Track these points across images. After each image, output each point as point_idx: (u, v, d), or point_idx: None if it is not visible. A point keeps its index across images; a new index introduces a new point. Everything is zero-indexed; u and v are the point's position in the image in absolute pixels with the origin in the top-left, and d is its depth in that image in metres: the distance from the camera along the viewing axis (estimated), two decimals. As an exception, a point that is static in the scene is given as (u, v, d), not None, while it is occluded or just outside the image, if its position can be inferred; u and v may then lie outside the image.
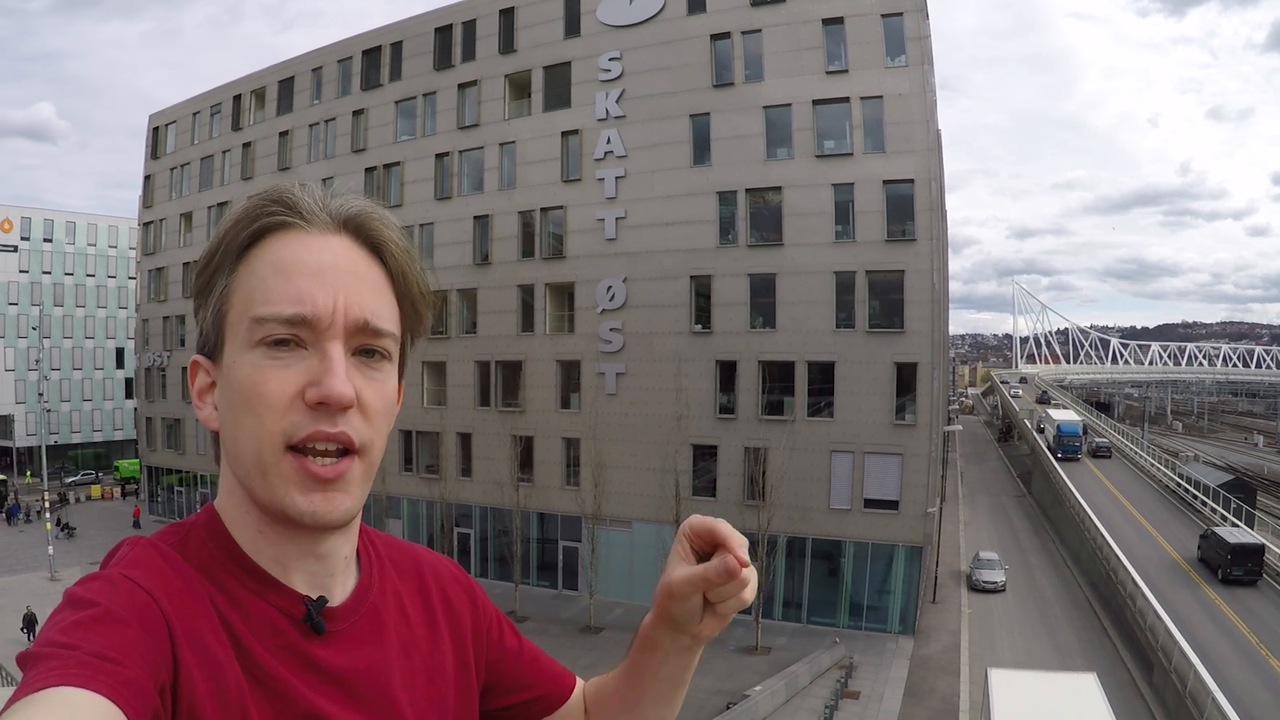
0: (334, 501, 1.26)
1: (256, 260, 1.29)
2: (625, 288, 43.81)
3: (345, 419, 1.25)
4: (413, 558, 1.64)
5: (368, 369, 1.30)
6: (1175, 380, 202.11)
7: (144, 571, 1.21)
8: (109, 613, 1.11)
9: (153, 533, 1.34)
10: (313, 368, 1.24)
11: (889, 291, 39.15)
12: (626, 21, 44.34)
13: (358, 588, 1.46)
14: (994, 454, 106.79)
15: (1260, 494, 62.98)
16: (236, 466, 1.29)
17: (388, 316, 1.33)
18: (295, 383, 1.23)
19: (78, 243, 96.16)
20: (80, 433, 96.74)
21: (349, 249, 1.32)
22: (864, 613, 39.89)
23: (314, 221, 1.31)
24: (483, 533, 48.49)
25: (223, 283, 1.30)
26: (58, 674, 0.98)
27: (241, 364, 1.25)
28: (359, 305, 1.28)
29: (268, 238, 1.30)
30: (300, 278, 1.26)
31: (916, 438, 38.56)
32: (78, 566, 49.77)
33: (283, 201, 1.30)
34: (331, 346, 1.25)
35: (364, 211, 1.35)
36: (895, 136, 39.01)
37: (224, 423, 1.30)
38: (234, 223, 1.31)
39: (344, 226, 1.33)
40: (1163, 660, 30.51)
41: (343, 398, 1.22)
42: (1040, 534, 59.25)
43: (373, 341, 1.30)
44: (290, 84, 57.50)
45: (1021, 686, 23.64)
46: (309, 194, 1.33)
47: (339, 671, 1.34)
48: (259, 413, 1.23)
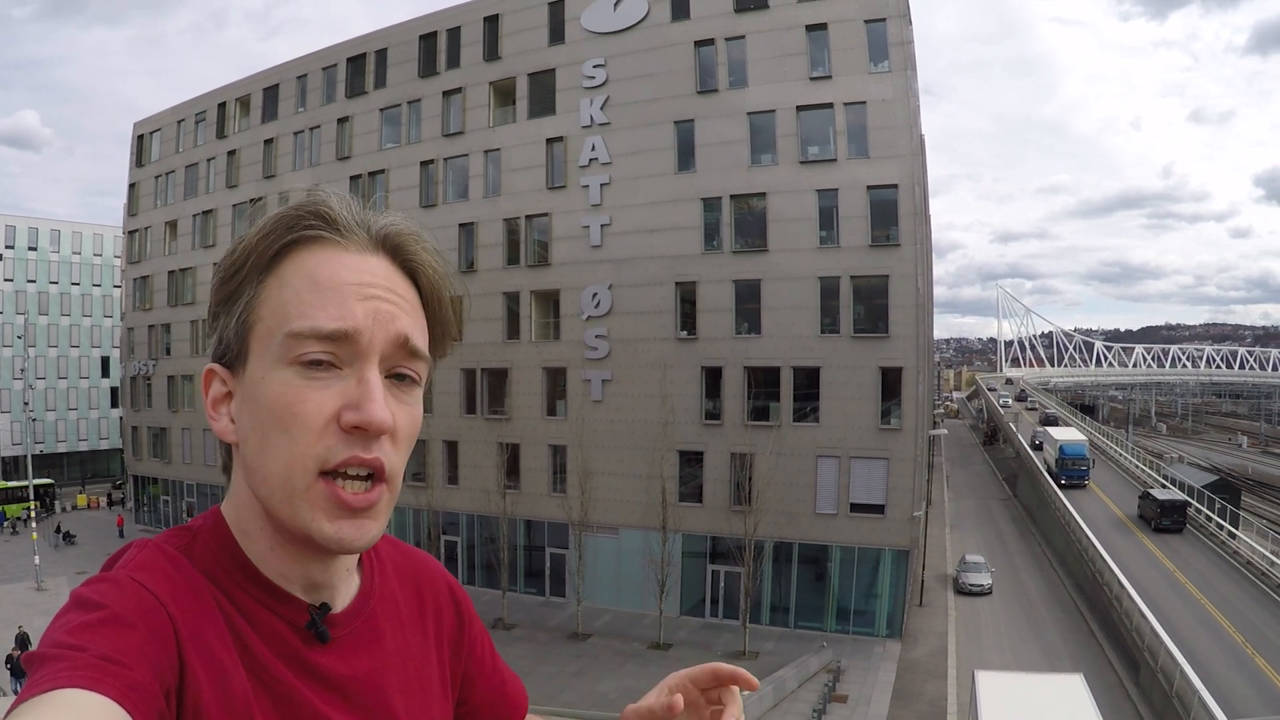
0: (363, 529, 1.25)
1: (290, 272, 1.26)
2: (610, 294, 43.80)
3: (379, 445, 1.24)
4: (412, 562, 1.65)
5: (400, 393, 1.29)
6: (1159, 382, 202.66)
7: (151, 575, 1.21)
8: (116, 615, 1.11)
9: (159, 534, 1.33)
10: (349, 390, 1.22)
11: (873, 296, 39.21)
12: (610, 28, 44.35)
13: (359, 595, 1.46)
14: (979, 457, 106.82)
15: (1245, 494, 63.11)
16: (259, 485, 1.26)
17: (422, 338, 1.32)
18: (332, 405, 1.21)
19: (62, 251, 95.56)
20: (66, 441, 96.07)
21: (387, 269, 1.30)
22: (851, 617, 39.91)
23: (351, 238, 1.29)
24: (470, 540, 48.39)
25: (250, 292, 1.27)
26: (65, 676, 0.99)
27: (273, 380, 1.23)
28: (398, 326, 1.26)
29: (301, 250, 1.28)
30: (339, 295, 1.24)
31: (902, 442, 38.62)
32: (64, 576, 49.56)
33: (320, 215, 1.28)
34: (369, 369, 1.23)
35: (403, 231, 1.34)
36: (879, 142, 39.09)
37: (247, 439, 1.27)
38: (266, 231, 1.28)
39: (382, 245, 1.31)
40: (1149, 660, 30.63)
41: (383, 424, 1.21)
42: (1026, 536, 59.35)
43: (408, 364, 1.29)
44: (275, 91, 57.33)
45: (1008, 688, 23.69)
46: (346, 207, 1.31)
47: (340, 678, 1.34)
48: (292, 434, 1.21)
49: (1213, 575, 41.05)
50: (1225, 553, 45.18)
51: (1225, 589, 39.13)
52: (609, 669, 36.02)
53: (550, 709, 1.92)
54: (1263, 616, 35.74)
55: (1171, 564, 43.11)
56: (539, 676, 35.05)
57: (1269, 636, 33.25)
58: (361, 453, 1.22)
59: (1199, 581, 40.12)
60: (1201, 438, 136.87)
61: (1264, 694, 28.40)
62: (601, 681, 34.35)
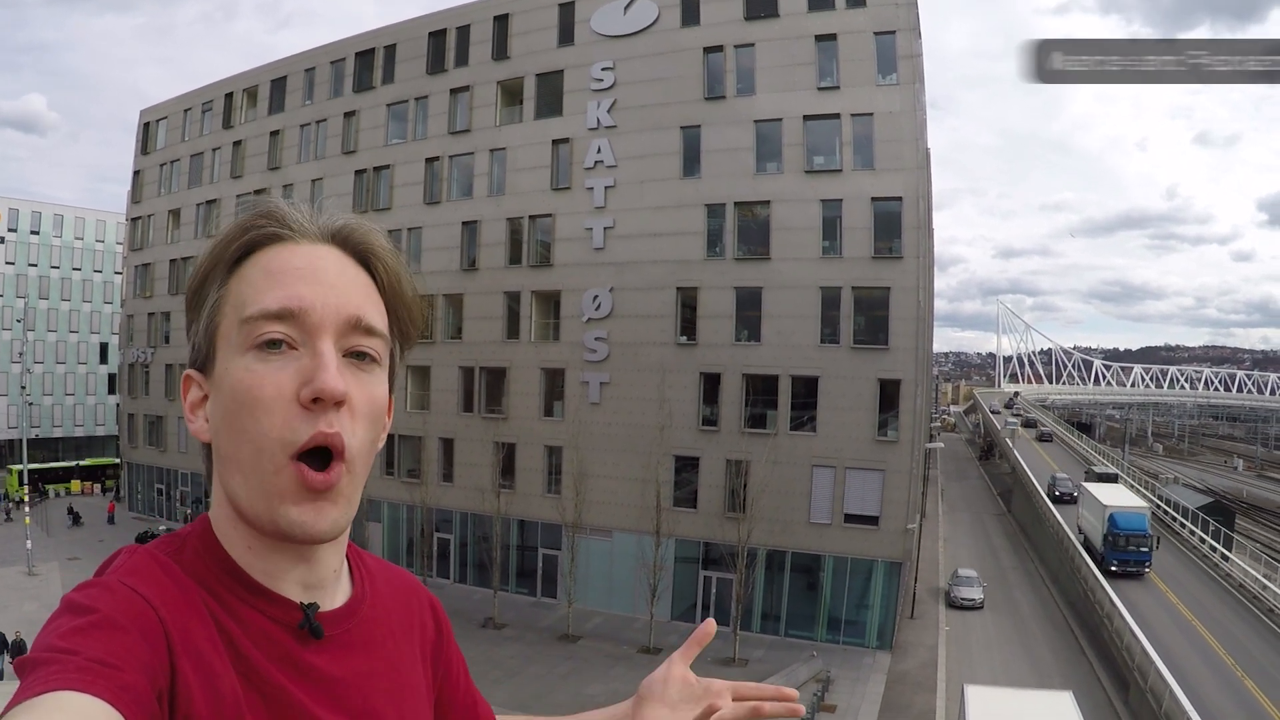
0: (322, 513, 1.27)
1: (247, 270, 1.31)
2: (611, 297, 43.81)
3: (338, 418, 1.26)
4: (398, 579, 1.66)
5: (358, 370, 1.31)
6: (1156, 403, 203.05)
7: (142, 579, 1.22)
8: (108, 619, 1.12)
9: (150, 542, 1.36)
10: (305, 367, 1.25)
11: (874, 308, 39.23)
12: (620, 32, 44.38)
13: (351, 599, 1.47)
14: (975, 472, 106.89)
15: (1239, 517, 63.10)
16: (232, 476, 1.28)
17: (378, 317, 1.35)
18: (290, 384, 1.24)
19: (65, 236, 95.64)
20: (61, 427, 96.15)
21: (338, 256, 1.34)
22: (842, 627, 39.88)
23: (303, 233, 1.33)
24: (463, 538, 48.36)
25: (214, 295, 1.32)
26: (57, 678, 0.99)
27: (234, 369, 1.26)
28: (349, 303, 1.30)
29: (258, 251, 1.32)
30: (290, 278, 1.28)
31: (898, 454, 38.62)
32: (55, 562, 49.50)
33: (271, 215, 1.33)
34: (322, 344, 1.26)
35: (350, 223, 1.38)
36: (885, 154, 39.11)
37: (219, 432, 1.30)
38: (224, 237, 1.33)
39: (332, 238, 1.35)
40: (1138, 679, 30.59)
41: (335, 391, 1.23)
42: (1019, 552, 59.34)
43: (363, 341, 1.32)
44: (283, 83, 57.37)
45: (998, 704, 23.65)
46: (297, 209, 1.35)
47: (331, 679, 1.35)
48: (257, 417, 1.23)
49: (1204, 597, 41.02)
50: (1218, 575, 45.18)
51: (1217, 611, 39.10)
52: (598, 671, 35.98)
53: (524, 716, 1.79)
54: (1254, 639, 35.71)
55: (1164, 584, 43.10)
56: (528, 677, 35.04)
57: (1259, 660, 33.22)
58: (324, 428, 1.24)
59: (1190, 603, 40.10)
60: (1197, 459, 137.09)
61: (1253, 717, 28.38)
62: (590, 684, 34.31)
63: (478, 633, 40.44)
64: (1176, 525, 54.56)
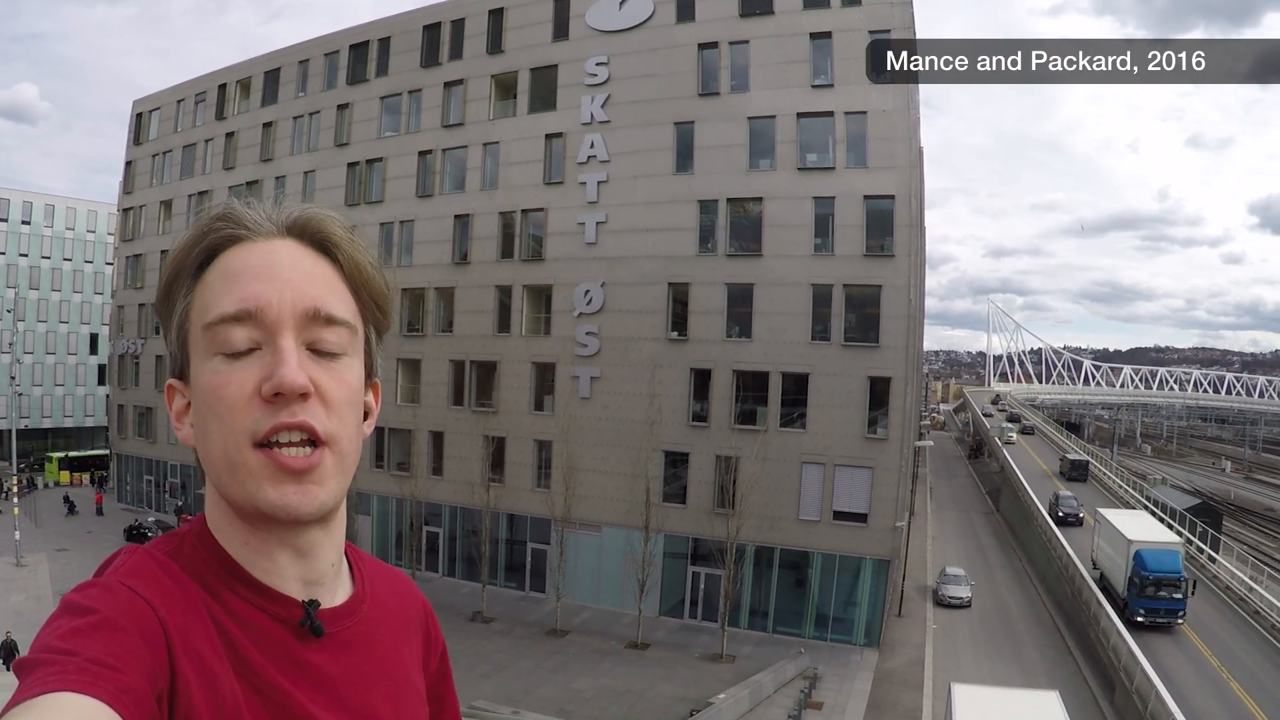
0: (308, 494, 1.27)
1: (209, 275, 1.31)
2: (603, 292, 43.79)
3: (305, 409, 1.26)
4: (397, 581, 1.67)
5: (325, 360, 1.31)
6: (1146, 403, 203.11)
7: (141, 580, 1.23)
8: (108, 620, 1.12)
9: (149, 542, 1.36)
10: (267, 364, 1.25)
11: (865, 306, 39.28)
12: (615, 27, 44.33)
13: (352, 598, 1.48)
14: (964, 470, 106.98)
15: (1226, 519, 63.27)
16: (210, 473, 1.31)
17: (341, 306, 1.34)
18: (252, 382, 1.24)
19: (56, 226, 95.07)
20: (51, 418, 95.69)
21: (295, 249, 1.34)
22: (830, 624, 39.96)
23: (259, 230, 1.33)
24: (452, 532, 48.32)
25: (181, 303, 1.33)
26: (57, 679, 0.99)
27: (203, 372, 1.27)
28: (307, 295, 1.30)
29: (219, 255, 1.32)
30: (246, 278, 1.28)
31: (887, 452, 38.69)
32: (44, 553, 49.29)
33: (228, 217, 1.33)
34: (282, 340, 1.26)
35: (307, 213, 1.37)
36: (877, 152, 39.16)
37: (198, 435, 1.31)
38: (184, 245, 1.34)
39: (289, 231, 1.35)
40: (1124, 680, 30.68)
41: (294, 385, 1.23)
42: (1007, 551, 59.49)
43: (326, 333, 1.31)
44: (276, 75, 57.20)
45: (984, 702, 23.71)
46: (254, 208, 1.35)
47: (331, 677, 1.36)
48: (220, 414, 1.25)
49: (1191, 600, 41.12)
50: (1205, 576, 45.25)
51: (1203, 612, 39.16)
52: (586, 666, 36.00)
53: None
54: (1239, 641, 35.83)
55: None
56: (516, 671, 35.03)
57: (1244, 661, 33.34)
58: (286, 418, 1.25)
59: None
60: (1185, 461, 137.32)
61: (1237, 718, 28.49)
62: (578, 678, 34.33)
63: (466, 626, 40.43)
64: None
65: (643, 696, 32.49)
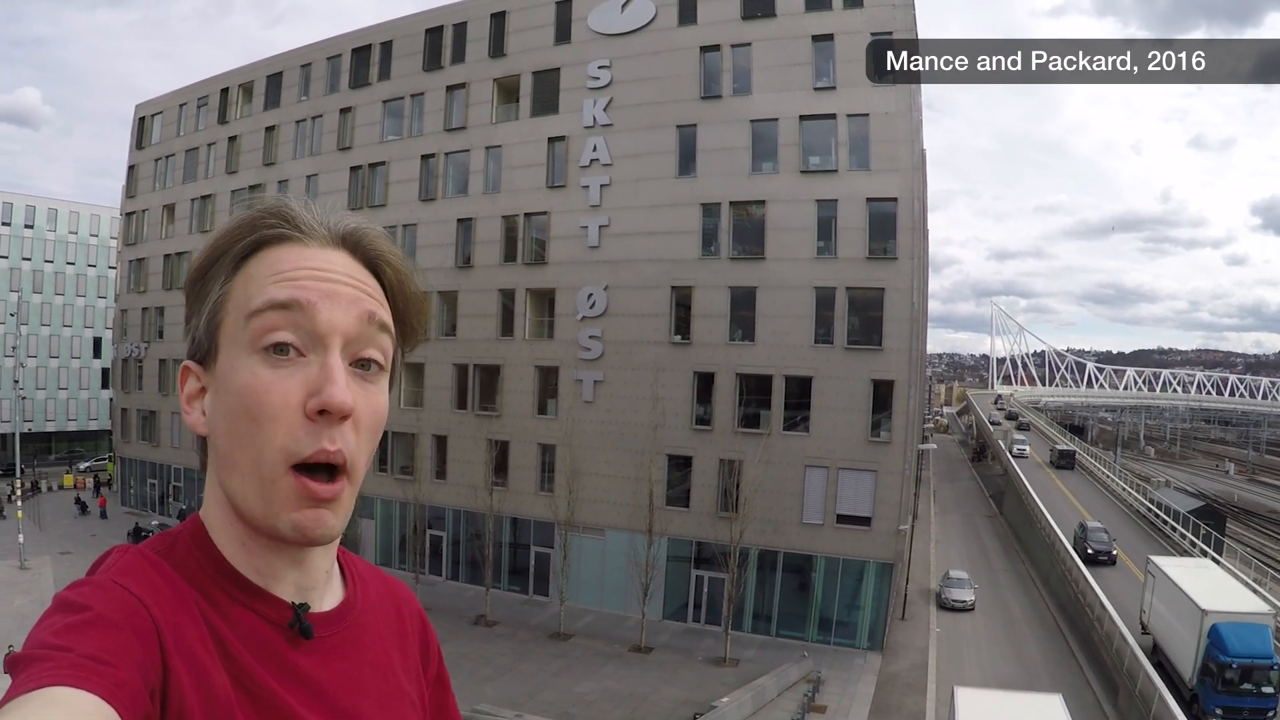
0: (323, 520, 1.27)
1: (254, 268, 1.30)
2: (606, 296, 43.80)
3: (342, 433, 1.26)
4: (392, 588, 1.66)
5: (364, 380, 1.31)
6: (1149, 405, 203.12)
7: (134, 578, 1.22)
8: (101, 617, 1.12)
9: (142, 541, 1.35)
10: (312, 377, 1.25)
11: (868, 309, 39.27)
12: (617, 30, 44.36)
13: (343, 603, 1.48)
14: (967, 473, 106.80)
15: (1230, 521, 63.18)
16: (230, 476, 1.29)
17: (385, 324, 1.35)
18: (297, 394, 1.24)
19: (59, 230, 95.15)
20: (55, 421, 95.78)
21: (347, 261, 1.34)
22: (833, 627, 39.92)
23: (313, 235, 1.33)
24: (455, 535, 48.34)
25: (218, 290, 1.31)
26: (51, 674, 0.99)
27: (240, 370, 1.26)
28: (359, 310, 1.30)
29: (265, 249, 1.31)
30: (299, 278, 1.28)
31: (891, 455, 38.67)
32: (48, 556, 49.33)
33: (282, 215, 1.32)
34: (330, 354, 1.26)
35: (363, 228, 1.38)
36: (880, 155, 39.12)
37: (217, 429, 1.30)
38: (231, 231, 1.33)
39: (342, 241, 1.35)
40: (1128, 683, 30.68)
41: (344, 405, 1.23)
42: (1010, 554, 59.39)
43: (370, 350, 1.32)
44: (278, 79, 57.28)
45: (987, 706, 23.73)
46: (308, 209, 1.35)
47: (320, 682, 1.35)
48: (260, 423, 1.23)
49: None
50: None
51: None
52: (589, 670, 35.99)
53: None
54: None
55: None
56: (519, 674, 35.02)
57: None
58: (327, 444, 1.25)
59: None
60: (1189, 463, 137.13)
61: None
62: (581, 682, 34.32)
63: (469, 630, 40.41)
64: (1167, 529, 54.55)
65: (646, 700, 32.48)
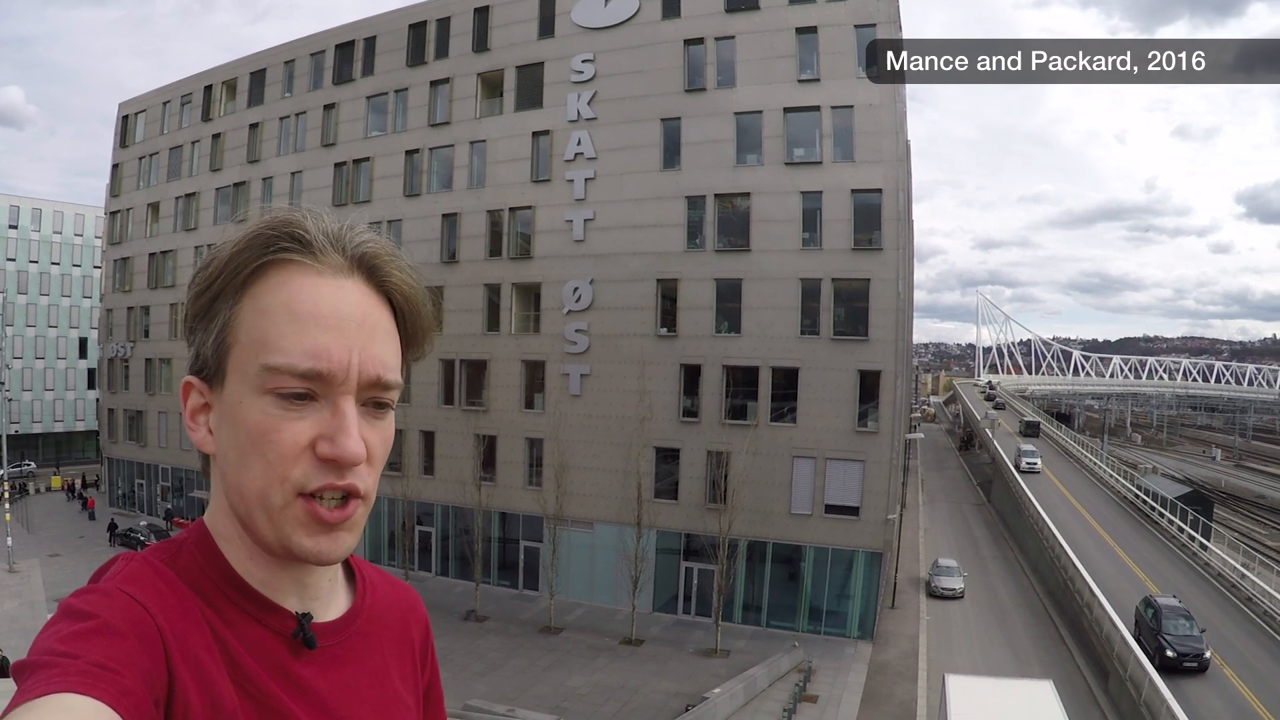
0: (339, 541, 1.29)
1: (266, 297, 1.28)
2: (592, 289, 43.78)
3: (354, 472, 1.27)
4: (399, 594, 1.67)
5: (375, 419, 1.32)
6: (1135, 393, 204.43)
7: (139, 587, 1.23)
8: (107, 625, 1.12)
9: (145, 548, 1.35)
10: (324, 421, 1.26)
11: (854, 299, 39.30)
12: (600, 24, 44.29)
13: (348, 612, 1.49)
14: (954, 462, 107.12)
15: (1217, 507, 63.48)
16: (238, 502, 1.30)
17: (396, 365, 1.34)
18: (307, 435, 1.25)
19: (43, 230, 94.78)
20: (41, 422, 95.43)
21: (362, 294, 1.32)
22: (823, 617, 40.02)
23: (326, 260, 1.30)
24: (444, 531, 48.32)
25: (226, 313, 1.29)
26: (58, 681, 1.00)
27: (251, 408, 1.26)
28: (373, 360, 1.29)
29: (276, 271, 1.29)
30: (316, 329, 1.26)
31: (878, 445, 38.76)
32: (36, 559, 49.11)
33: (295, 235, 1.29)
34: (344, 402, 1.26)
35: (378, 252, 1.34)
36: (864, 146, 39.17)
37: (226, 455, 1.30)
38: (240, 248, 1.29)
39: (357, 266, 1.32)
40: (1118, 668, 30.79)
41: (356, 457, 1.25)
42: (999, 542, 59.57)
43: (383, 395, 1.32)
44: (262, 76, 57.05)
45: (978, 693, 23.80)
46: (320, 227, 1.31)
47: (321, 691, 1.37)
48: (269, 460, 1.25)
49: (1183, 586, 41.11)
50: (1196, 564, 45.42)
51: (1195, 600, 39.23)
52: (580, 663, 36.01)
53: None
54: (1231, 628, 35.93)
55: (1143, 573, 43.29)
56: (510, 669, 35.03)
57: (1237, 647, 33.47)
58: (335, 479, 1.26)
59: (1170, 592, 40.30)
60: (1176, 449, 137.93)
61: (1231, 704, 28.60)
62: (572, 676, 34.34)
63: (460, 625, 40.42)
64: (1155, 515, 54.78)
65: (637, 692, 32.52)
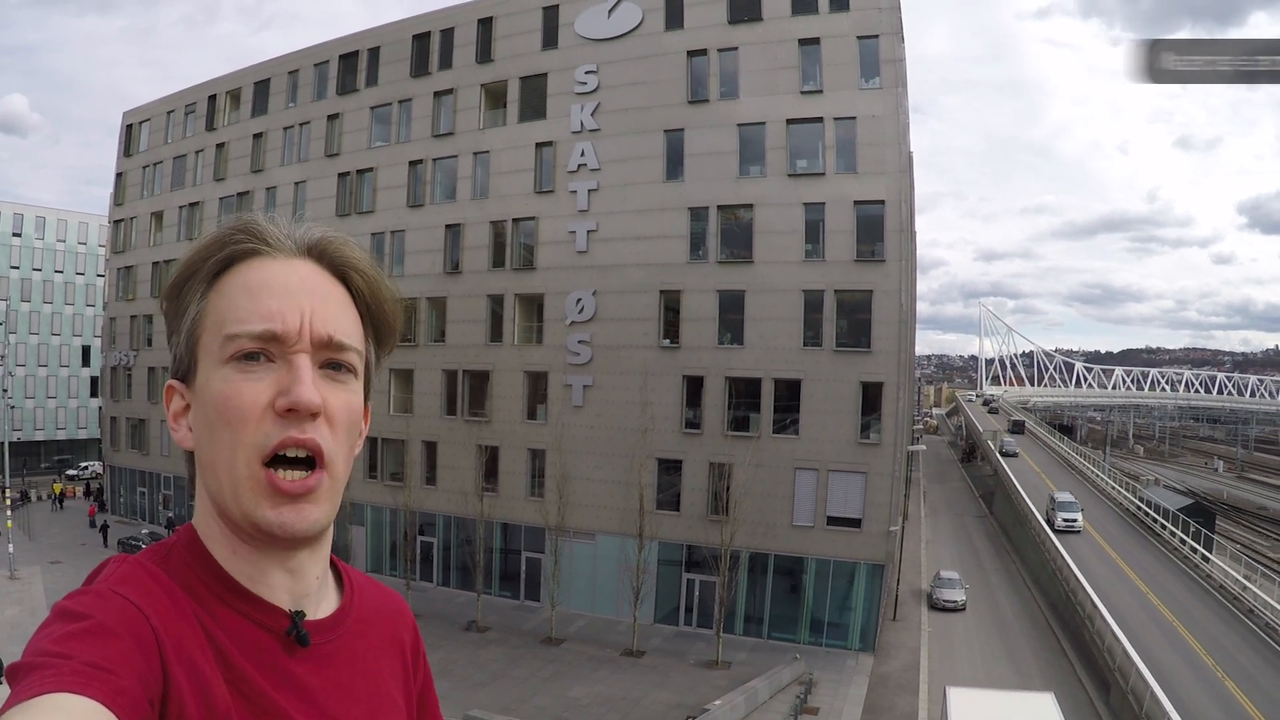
0: (303, 513, 1.31)
1: (227, 285, 1.35)
2: (594, 300, 43.80)
3: (314, 427, 1.31)
4: (386, 598, 1.69)
5: (334, 380, 1.36)
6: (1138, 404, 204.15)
7: (132, 588, 1.25)
8: (101, 625, 1.14)
9: (138, 552, 1.38)
10: (281, 379, 1.30)
11: (857, 311, 39.32)
12: (604, 35, 44.39)
13: (338, 611, 1.51)
14: (957, 474, 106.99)
15: (1219, 519, 63.32)
16: (210, 481, 1.33)
17: (353, 332, 1.40)
18: (266, 394, 1.29)
19: (47, 238, 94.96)
20: (44, 430, 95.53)
21: (314, 271, 1.39)
22: (825, 629, 39.94)
23: (280, 248, 1.37)
24: (446, 542, 48.26)
25: (194, 308, 1.36)
26: (53, 681, 1.01)
27: (214, 380, 1.31)
28: (325, 320, 1.35)
29: (237, 265, 1.36)
30: (269, 296, 1.32)
31: (880, 456, 38.71)
32: (38, 566, 49.07)
33: (249, 230, 1.37)
34: (299, 358, 1.31)
35: (326, 237, 1.42)
36: (867, 158, 39.19)
37: (199, 440, 1.35)
38: (202, 249, 1.37)
39: (309, 252, 1.40)
40: (1120, 681, 30.72)
41: (310, 403, 1.29)
42: (1001, 554, 59.46)
43: (338, 355, 1.36)
44: (266, 86, 57.17)
45: (980, 705, 23.74)
46: (274, 224, 1.40)
47: (314, 689, 1.38)
48: (233, 425, 1.28)
49: (1185, 598, 41.06)
50: (1198, 576, 45.30)
51: (1197, 612, 39.23)
52: (581, 674, 35.95)
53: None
54: (1234, 640, 35.82)
55: (1144, 585, 43.20)
56: (511, 680, 34.97)
57: (1239, 660, 33.34)
58: (296, 434, 1.30)
59: (1171, 604, 40.21)
60: (1178, 461, 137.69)
61: (1233, 717, 28.52)
62: (573, 687, 34.28)
63: (461, 636, 40.34)
64: (1157, 527, 54.67)
65: (638, 704, 32.46)
